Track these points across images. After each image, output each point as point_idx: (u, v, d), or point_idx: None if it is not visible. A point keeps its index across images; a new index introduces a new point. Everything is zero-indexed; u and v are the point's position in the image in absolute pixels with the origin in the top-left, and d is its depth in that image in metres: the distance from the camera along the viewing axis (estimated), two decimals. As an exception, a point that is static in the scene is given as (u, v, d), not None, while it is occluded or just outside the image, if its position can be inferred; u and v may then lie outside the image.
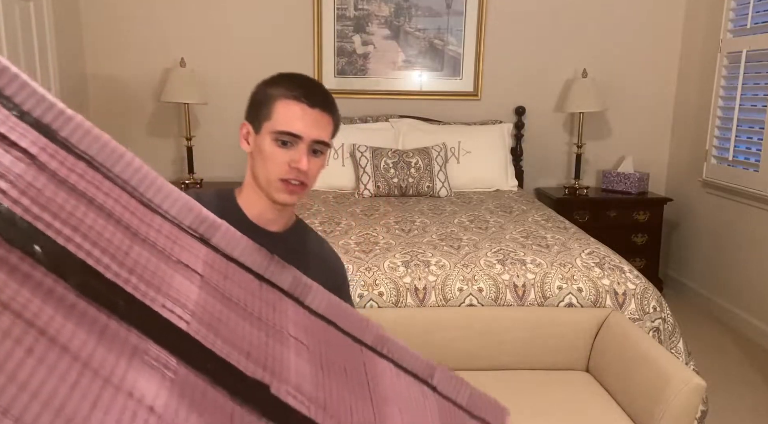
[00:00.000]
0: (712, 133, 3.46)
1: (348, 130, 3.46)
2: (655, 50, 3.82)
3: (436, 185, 3.26)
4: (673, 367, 1.56)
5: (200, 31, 3.59)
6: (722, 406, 2.41)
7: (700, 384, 1.49)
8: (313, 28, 3.65)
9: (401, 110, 3.73)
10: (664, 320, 2.03)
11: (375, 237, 2.36)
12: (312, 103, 1.09)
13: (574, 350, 1.92)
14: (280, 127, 1.08)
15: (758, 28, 3.12)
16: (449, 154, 3.42)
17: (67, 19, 3.40)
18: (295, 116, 1.08)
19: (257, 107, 1.12)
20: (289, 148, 1.08)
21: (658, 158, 3.97)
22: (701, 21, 3.62)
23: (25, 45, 2.96)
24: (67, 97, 3.37)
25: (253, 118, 1.13)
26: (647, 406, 1.56)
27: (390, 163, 3.26)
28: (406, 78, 3.76)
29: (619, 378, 1.73)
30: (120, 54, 3.58)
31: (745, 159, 3.22)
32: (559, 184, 3.95)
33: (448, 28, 3.72)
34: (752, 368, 2.78)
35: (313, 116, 1.09)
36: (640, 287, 2.05)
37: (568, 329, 1.92)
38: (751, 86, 3.18)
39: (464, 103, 3.80)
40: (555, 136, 3.90)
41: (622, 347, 1.77)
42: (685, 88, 3.80)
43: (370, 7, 3.66)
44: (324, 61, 3.69)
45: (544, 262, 2.11)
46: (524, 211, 2.87)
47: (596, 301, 2.01)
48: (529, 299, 2.02)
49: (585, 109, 3.60)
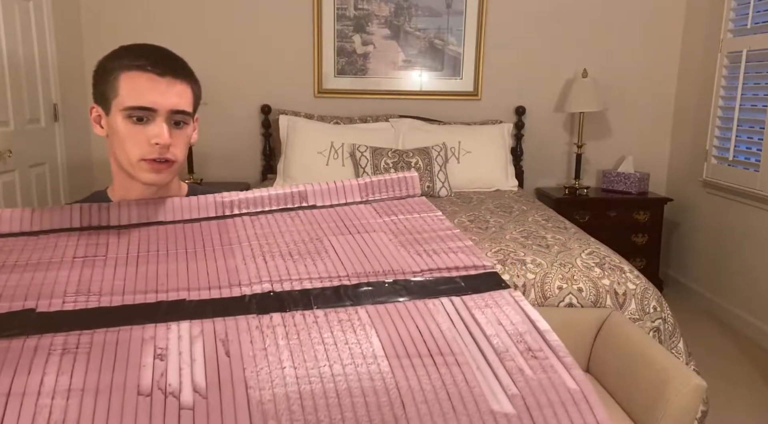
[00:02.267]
0: (712, 133, 3.46)
1: (348, 130, 3.46)
2: (656, 50, 3.82)
3: (436, 185, 3.25)
4: (673, 367, 1.55)
5: (200, 30, 3.59)
6: (722, 406, 2.41)
7: (700, 384, 1.49)
8: (313, 28, 3.65)
9: (401, 110, 3.73)
10: (664, 320, 2.03)
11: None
12: (161, 71, 0.97)
13: (574, 350, 1.92)
14: (130, 103, 0.96)
15: (758, 28, 3.12)
16: (449, 154, 3.41)
17: (67, 19, 3.40)
18: (144, 88, 0.96)
19: (102, 85, 1.01)
20: (146, 123, 0.97)
21: (659, 158, 3.97)
22: (701, 21, 3.62)
23: (25, 45, 2.96)
24: (66, 97, 3.37)
25: (101, 98, 1.02)
26: (647, 406, 1.56)
27: (390, 163, 3.26)
28: (406, 78, 3.76)
29: (619, 378, 1.73)
30: (120, 54, 3.57)
31: (745, 159, 3.22)
32: (559, 184, 3.95)
33: (448, 27, 3.71)
34: (752, 368, 2.78)
35: (164, 84, 0.97)
36: (640, 287, 2.05)
37: (568, 329, 1.92)
38: (751, 86, 3.18)
39: (464, 103, 3.80)
40: (555, 136, 3.90)
41: (622, 347, 1.77)
42: (685, 88, 3.80)
43: (370, 7, 3.66)
44: (324, 61, 3.69)
45: (544, 262, 2.11)
46: (524, 211, 2.87)
47: (596, 301, 2.01)
48: (529, 299, 2.01)
49: (585, 109, 3.60)
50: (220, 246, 0.77)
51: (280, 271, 0.71)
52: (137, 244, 0.78)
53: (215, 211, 0.85)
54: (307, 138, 3.38)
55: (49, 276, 0.71)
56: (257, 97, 3.69)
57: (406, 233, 0.80)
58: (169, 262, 0.74)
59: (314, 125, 3.47)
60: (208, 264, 0.73)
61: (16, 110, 2.86)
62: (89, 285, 0.69)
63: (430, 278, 0.71)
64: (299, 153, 3.36)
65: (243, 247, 0.77)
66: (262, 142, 3.74)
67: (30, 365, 0.56)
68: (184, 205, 0.85)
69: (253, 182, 3.75)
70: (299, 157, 3.35)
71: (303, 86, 3.72)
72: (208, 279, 0.69)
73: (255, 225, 0.82)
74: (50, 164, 3.20)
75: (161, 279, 0.70)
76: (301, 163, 3.34)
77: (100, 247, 0.77)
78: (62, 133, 3.31)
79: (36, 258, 0.75)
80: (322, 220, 0.84)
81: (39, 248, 0.77)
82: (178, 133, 1.00)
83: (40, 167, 3.10)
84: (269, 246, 0.77)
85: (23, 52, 2.94)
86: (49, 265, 0.73)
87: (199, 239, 0.79)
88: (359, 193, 0.89)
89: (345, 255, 0.75)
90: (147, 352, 0.58)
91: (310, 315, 0.64)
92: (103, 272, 0.72)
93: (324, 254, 0.75)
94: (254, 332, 0.61)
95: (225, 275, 0.70)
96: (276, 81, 3.69)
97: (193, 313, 0.64)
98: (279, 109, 3.64)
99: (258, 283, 0.69)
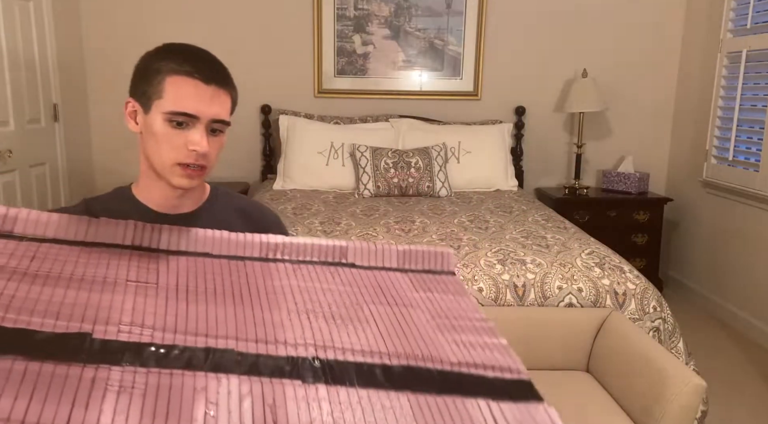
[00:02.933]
0: (712, 133, 3.46)
1: (348, 130, 3.47)
2: (655, 50, 3.82)
3: (436, 185, 3.25)
4: (673, 367, 1.56)
5: (200, 31, 3.59)
6: (722, 406, 2.41)
7: (700, 384, 1.49)
8: (313, 28, 3.65)
9: (401, 110, 3.73)
10: (664, 320, 2.03)
11: (375, 237, 2.36)
12: (207, 79, 0.99)
13: (574, 350, 1.92)
14: (174, 108, 0.96)
15: (758, 28, 3.12)
16: (449, 154, 3.41)
17: (67, 19, 3.40)
18: (189, 94, 0.97)
19: (144, 83, 1.00)
20: (185, 129, 0.98)
21: (658, 158, 3.97)
22: (701, 21, 3.62)
23: (25, 45, 2.96)
24: (66, 97, 3.37)
25: (141, 96, 1.01)
26: (647, 406, 1.56)
27: (390, 163, 3.26)
28: (406, 78, 3.76)
29: (619, 378, 1.73)
30: (120, 54, 3.57)
31: (745, 159, 3.22)
32: (559, 184, 3.95)
33: (448, 28, 3.72)
34: (752, 368, 2.78)
35: (210, 93, 0.98)
36: (640, 287, 2.05)
37: (568, 329, 1.92)
38: (751, 86, 3.18)
39: (464, 103, 3.80)
40: (555, 136, 3.90)
41: (622, 347, 1.77)
42: (685, 88, 3.80)
43: (370, 7, 3.66)
44: (324, 61, 3.69)
45: (544, 262, 2.11)
46: (524, 211, 2.87)
47: (596, 301, 2.01)
48: (529, 299, 2.02)
49: (585, 109, 3.60)
50: (265, 294, 0.80)
51: (324, 335, 0.73)
52: (186, 275, 0.81)
53: (259, 251, 0.87)
54: (307, 138, 3.38)
55: (104, 299, 0.73)
56: (257, 97, 3.69)
57: (443, 317, 0.82)
58: (218, 304, 0.76)
59: (314, 125, 3.47)
60: (255, 313, 0.75)
61: (16, 110, 2.86)
62: (143, 316, 0.71)
63: (467, 372, 0.72)
64: (299, 153, 3.36)
65: (287, 299, 0.79)
66: (262, 142, 3.74)
67: (87, 398, 0.58)
68: (231, 241, 0.88)
69: (253, 182, 3.75)
70: (299, 157, 3.35)
71: (303, 86, 3.72)
72: (255, 331, 0.72)
73: (297, 275, 0.85)
74: (50, 164, 3.20)
75: (210, 323, 0.72)
76: (301, 163, 3.34)
77: (151, 272, 0.80)
78: (62, 133, 3.31)
79: (91, 275, 0.77)
80: (362, 283, 0.86)
81: (93, 264, 0.79)
82: (213, 140, 1.01)
83: (40, 167, 3.10)
84: (312, 303, 0.79)
85: (23, 52, 2.94)
86: (104, 285, 0.76)
87: (245, 281, 0.82)
88: (396, 260, 0.91)
89: (385, 329, 0.77)
90: (198, 404, 0.60)
91: (354, 394, 0.66)
92: (156, 303, 0.74)
93: (365, 324, 0.77)
94: (301, 402, 0.63)
95: (271, 329, 0.72)
96: (276, 81, 3.69)
97: (242, 367, 0.66)
98: (279, 109, 3.64)
99: (303, 345, 0.71)
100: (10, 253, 0.78)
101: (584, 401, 1.71)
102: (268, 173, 3.71)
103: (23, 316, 0.67)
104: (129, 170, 3.70)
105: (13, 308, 0.68)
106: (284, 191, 3.26)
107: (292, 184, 3.33)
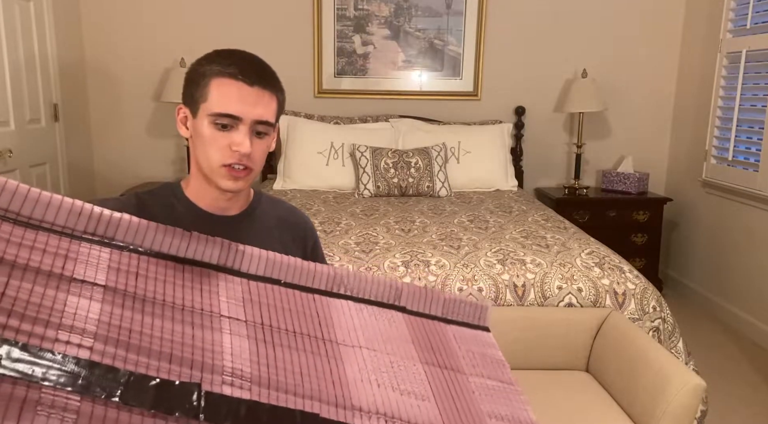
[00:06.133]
0: (711, 133, 3.46)
1: (348, 130, 3.47)
2: (655, 50, 3.82)
3: (436, 185, 3.26)
4: (673, 367, 1.56)
5: (200, 30, 3.59)
6: (722, 406, 2.41)
7: (700, 384, 1.49)
8: (313, 28, 3.65)
9: (401, 110, 3.74)
10: (663, 320, 2.03)
11: (375, 237, 2.36)
12: (251, 81, 1.00)
13: (574, 350, 1.92)
14: (217, 109, 0.99)
15: (758, 28, 3.12)
16: (449, 154, 3.42)
17: (67, 19, 3.40)
18: (232, 96, 0.99)
19: (192, 88, 1.03)
20: (230, 130, 1.00)
21: (658, 158, 3.97)
22: (701, 21, 3.62)
23: (25, 45, 2.96)
24: (66, 97, 3.37)
25: (190, 101, 1.05)
26: (647, 406, 1.56)
27: (390, 163, 3.26)
28: (406, 78, 3.76)
29: (619, 378, 1.73)
30: (120, 54, 3.58)
31: (744, 159, 3.22)
32: (559, 184, 3.95)
33: (448, 28, 3.72)
34: (752, 368, 2.79)
35: (253, 95, 1.00)
36: (639, 287, 2.05)
37: (568, 329, 1.92)
38: (751, 86, 3.18)
39: (464, 103, 3.80)
40: (555, 136, 3.90)
41: (622, 347, 1.77)
42: (685, 88, 3.80)
43: (370, 7, 3.67)
44: (324, 61, 3.69)
45: (543, 262, 2.12)
46: (524, 211, 2.87)
47: (596, 301, 2.02)
48: (528, 299, 2.02)
49: (585, 109, 3.60)
50: (337, 344, 0.80)
51: (392, 407, 0.74)
52: (267, 308, 0.80)
53: (326, 284, 0.87)
54: (307, 138, 3.38)
55: (206, 339, 0.71)
56: (257, 97, 3.68)
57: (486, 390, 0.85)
58: (299, 351, 0.76)
59: (314, 125, 3.47)
60: (331, 368, 0.75)
61: (16, 110, 2.87)
62: (242, 366, 0.69)
63: None
64: (299, 153, 3.36)
65: (356, 353, 0.80)
66: (262, 142, 3.74)
67: None
68: (303, 269, 0.87)
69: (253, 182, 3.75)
70: (299, 157, 3.35)
71: (303, 86, 3.72)
72: (334, 392, 0.72)
73: (357, 320, 0.85)
74: (51, 164, 3.20)
75: (297, 378, 0.71)
76: (301, 163, 3.34)
77: (238, 305, 0.78)
78: (62, 133, 3.31)
79: (189, 302, 0.74)
80: (414, 336, 0.87)
81: (187, 286, 0.77)
82: (258, 142, 1.03)
83: (40, 167, 3.10)
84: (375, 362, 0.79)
85: (23, 52, 2.94)
86: (202, 318, 0.73)
87: (317, 323, 0.82)
88: (441, 308, 0.93)
89: (441, 401, 0.79)
90: None
91: None
92: (249, 347, 0.72)
93: (424, 393, 0.79)
94: None
95: (347, 391, 0.73)
96: (276, 81, 3.69)
97: None
98: (279, 109, 3.64)
99: (375, 414, 0.72)
100: (117, 267, 0.73)
101: (584, 401, 1.72)
102: (268, 173, 3.72)
103: (143, 357, 0.64)
104: (129, 170, 3.70)
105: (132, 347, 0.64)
106: (284, 191, 3.26)
107: (292, 184, 3.34)
